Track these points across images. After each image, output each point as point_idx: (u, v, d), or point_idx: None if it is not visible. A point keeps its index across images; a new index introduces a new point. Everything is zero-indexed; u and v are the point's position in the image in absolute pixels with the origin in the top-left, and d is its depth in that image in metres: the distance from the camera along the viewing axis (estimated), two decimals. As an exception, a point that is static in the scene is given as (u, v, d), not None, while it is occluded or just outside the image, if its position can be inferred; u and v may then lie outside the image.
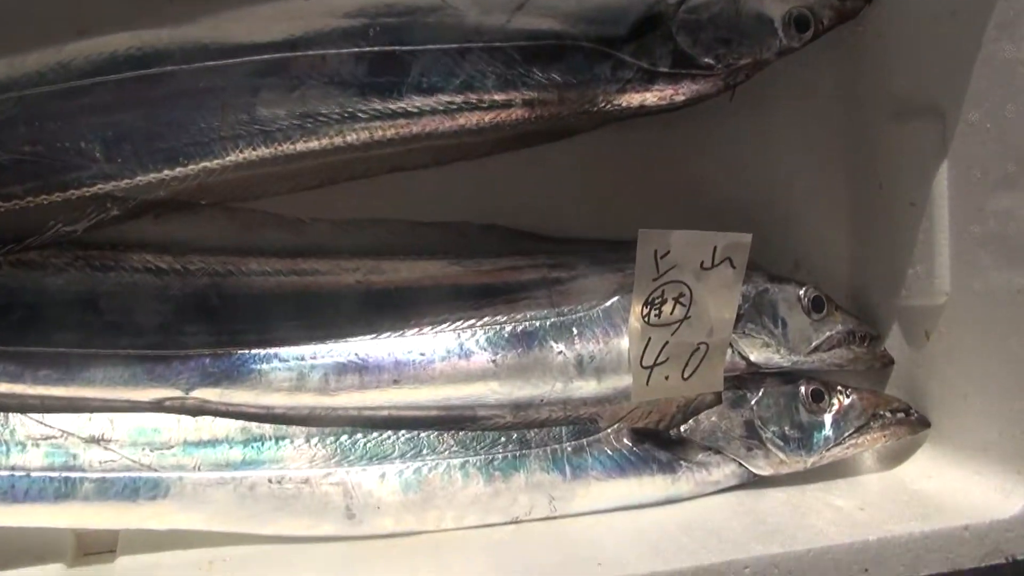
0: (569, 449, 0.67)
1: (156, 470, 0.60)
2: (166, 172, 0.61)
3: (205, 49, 0.60)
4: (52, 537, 0.62)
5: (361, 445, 0.64)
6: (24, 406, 0.59)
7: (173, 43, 0.60)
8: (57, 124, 0.58)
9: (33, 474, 0.58)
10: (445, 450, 0.65)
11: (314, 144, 0.63)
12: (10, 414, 0.59)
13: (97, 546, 0.64)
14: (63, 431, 0.59)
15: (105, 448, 0.59)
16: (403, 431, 0.65)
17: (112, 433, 0.60)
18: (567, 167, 0.74)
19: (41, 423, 0.59)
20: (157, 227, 0.63)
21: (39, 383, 0.59)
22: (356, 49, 0.63)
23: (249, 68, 0.61)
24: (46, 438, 0.59)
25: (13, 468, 0.58)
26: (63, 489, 0.58)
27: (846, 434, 0.72)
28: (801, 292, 0.73)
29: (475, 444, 0.66)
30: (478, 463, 0.65)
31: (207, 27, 0.60)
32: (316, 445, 0.63)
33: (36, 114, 0.58)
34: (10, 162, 0.58)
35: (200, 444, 0.62)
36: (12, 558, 0.61)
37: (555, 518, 0.66)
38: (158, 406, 0.62)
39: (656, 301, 0.67)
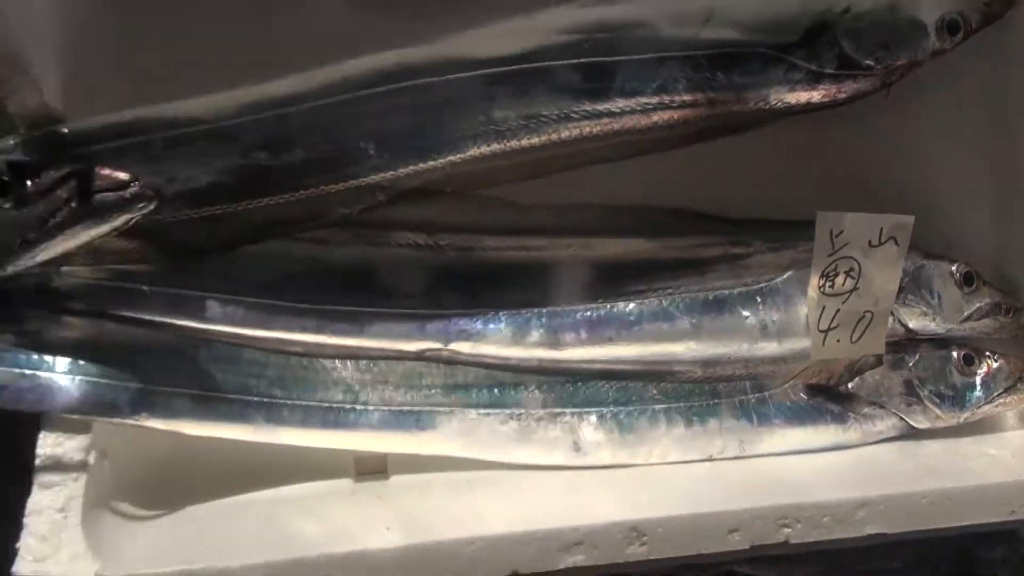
0: (754, 400, 0.79)
1: (422, 407, 0.75)
2: (421, 165, 0.74)
3: (454, 64, 0.73)
4: (336, 458, 0.76)
5: (582, 392, 0.77)
6: (322, 353, 0.74)
7: (429, 60, 0.73)
8: (342, 128, 0.72)
9: (334, 406, 0.73)
10: (649, 398, 0.78)
11: (535, 140, 0.75)
12: (314, 359, 0.74)
13: (369, 467, 0.77)
14: (353, 374, 0.74)
15: (383, 388, 0.74)
16: (614, 381, 0.78)
17: (388, 376, 0.74)
18: (742, 157, 0.83)
19: (335, 368, 0.74)
20: (413, 210, 0.76)
21: (335, 335, 0.73)
22: (573, 60, 0.76)
23: (487, 78, 0.73)
24: (342, 380, 0.74)
25: (320, 400, 0.72)
26: (354, 419, 0.73)
27: (995, 394, 0.81)
28: (953, 268, 0.82)
29: (674, 394, 0.78)
30: (679, 409, 0.77)
31: (454, 46, 0.73)
32: (546, 391, 0.76)
33: (326, 120, 0.71)
34: (308, 159, 0.71)
35: (456, 387, 0.75)
36: (305, 473, 0.76)
37: (744, 458, 0.77)
38: (420, 356, 0.75)
39: (830, 274, 0.78)
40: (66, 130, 0.66)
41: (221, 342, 0.71)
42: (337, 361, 0.74)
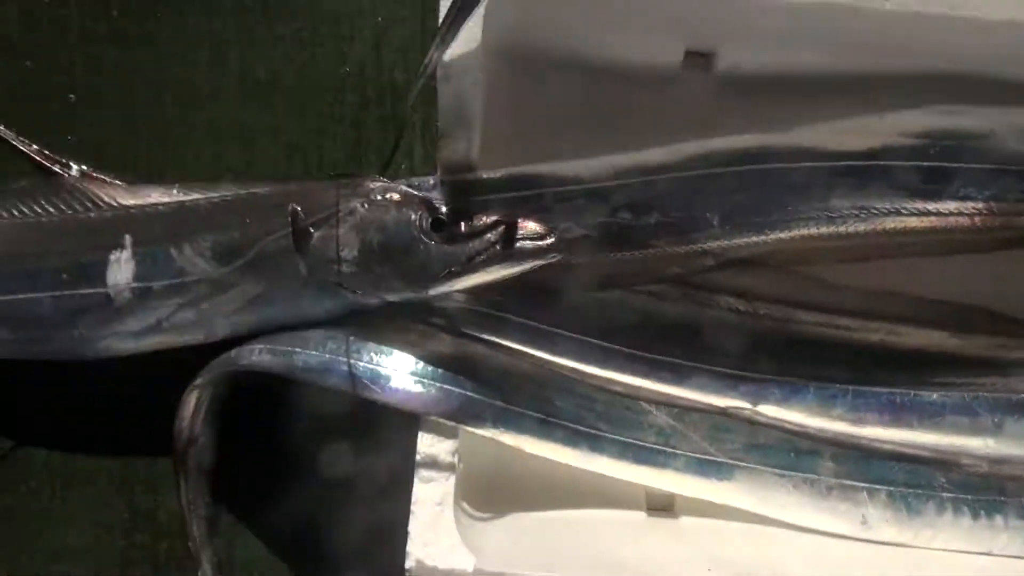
0: (1040, 504, 0.82)
1: (724, 460, 0.81)
2: (753, 239, 0.81)
3: (804, 153, 0.80)
4: (628, 491, 0.83)
5: (874, 468, 0.81)
6: (639, 396, 0.81)
7: (781, 146, 0.80)
8: (695, 198, 0.79)
9: (646, 446, 0.80)
10: (938, 486, 0.81)
11: (861, 228, 0.81)
12: (634, 401, 0.80)
13: (657, 503, 0.85)
14: (667, 420, 0.81)
15: (692, 437, 0.82)
16: (905, 463, 0.82)
17: (697, 427, 0.81)
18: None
19: (651, 412, 0.82)
20: (737, 279, 0.83)
21: (658, 381, 0.80)
22: (915, 162, 0.81)
23: (832, 170, 0.79)
24: (655, 424, 0.80)
25: (635, 439, 0.80)
26: (663, 461, 0.80)
27: None
28: None
29: (963, 485, 0.81)
30: (966, 500, 0.80)
31: (807, 136, 0.79)
32: (839, 462, 0.81)
33: (684, 190, 0.79)
34: (661, 223, 0.79)
35: (756, 446, 0.81)
36: (601, 499, 0.83)
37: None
38: (724, 412, 0.82)
39: None
40: (475, 178, 0.77)
41: (562, 374, 0.81)
42: (653, 406, 0.82)
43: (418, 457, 0.75)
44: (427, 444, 0.75)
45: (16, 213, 0.83)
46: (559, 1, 0.73)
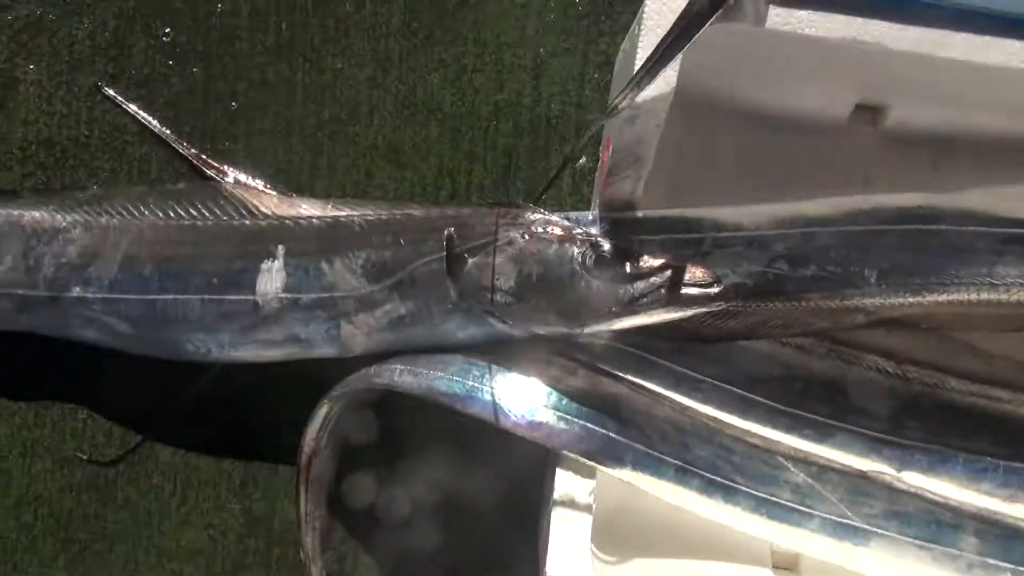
0: None
1: (860, 525, 0.79)
2: (909, 299, 0.79)
3: (972, 217, 0.77)
4: (753, 546, 0.82)
5: (1018, 549, 0.77)
6: (777, 450, 0.79)
7: (949, 208, 0.77)
8: (854, 253, 0.77)
9: (781, 502, 0.77)
10: (1084, 571, 0.79)
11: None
12: (771, 455, 0.78)
13: (782, 561, 0.84)
14: (804, 479, 0.79)
15: (829, 499, 0.79)
16: (1049, 546, 0.79)
17: (836, 489, 0.78)
18: None
19: (788, 469, 0.80)
20: (887, 338, 0.81)
21: (799, 438, 0.78)
22: None
23: (1002, 236, 0.77)
24: (792, 481, 0.78)
25: (770, 494, 0.77)
26: (797, 520, 0.77)
27: None
28: None
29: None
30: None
31: (975, 200, 0.77)
32: (983, 538, 0.78)
33: (843, 244, 0.77)
34: (816, 276, 0.77)
35: (896, 514, 0.78)
36: (726, 551, 0.82)
37: None
38: (863, 475, 0.80)
39: None
40: (636, 217, 0.76)
41: (702, 421, 0.79)
42: (791, 462, 0.80)
43: (555, 495, 0.74)
44: (566, 483, 0.74)
45: (172, 215, 0.84)
46: (742, 50, 0.71)
